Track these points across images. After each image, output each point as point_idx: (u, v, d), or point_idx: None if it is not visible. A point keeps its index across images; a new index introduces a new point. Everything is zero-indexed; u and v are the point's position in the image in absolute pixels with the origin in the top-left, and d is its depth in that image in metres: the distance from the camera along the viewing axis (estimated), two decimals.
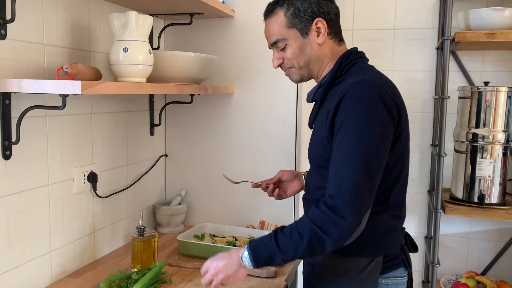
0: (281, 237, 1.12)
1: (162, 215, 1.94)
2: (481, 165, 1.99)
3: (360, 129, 1.09)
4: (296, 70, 1.30)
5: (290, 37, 1.25)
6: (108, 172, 1.67)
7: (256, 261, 1.14)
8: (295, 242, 1.10)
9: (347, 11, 2.41)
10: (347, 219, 1.06)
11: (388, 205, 1.21)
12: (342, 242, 1.09)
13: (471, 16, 1.93)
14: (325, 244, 1.08)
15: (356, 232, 1.10)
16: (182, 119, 2.04)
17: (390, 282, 1.26)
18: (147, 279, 1.34)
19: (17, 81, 1.12)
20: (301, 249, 1.09)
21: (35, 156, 1.34)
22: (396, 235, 1.26)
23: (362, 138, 1.09)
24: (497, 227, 2.30)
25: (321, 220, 1.08)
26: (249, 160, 1.95)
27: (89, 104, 1.56)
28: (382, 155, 1.12)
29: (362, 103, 1.11)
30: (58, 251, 1.45)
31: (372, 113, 1.10)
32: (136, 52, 1.32)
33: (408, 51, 2.34)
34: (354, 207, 1.07)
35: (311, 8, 1.23)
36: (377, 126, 1.10)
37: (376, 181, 1.11)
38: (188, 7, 1.73)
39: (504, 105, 1.97)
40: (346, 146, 1.10)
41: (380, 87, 1.14)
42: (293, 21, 1.24)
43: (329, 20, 1.25)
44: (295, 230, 1.11)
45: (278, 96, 1.87)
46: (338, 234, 1.07)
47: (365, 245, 1.19)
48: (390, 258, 1.25)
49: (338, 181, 1.09)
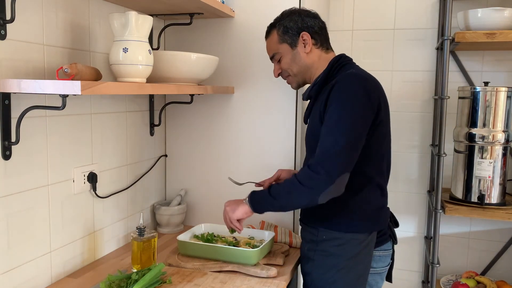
0: (274, 187, 1.40)
1: (162, 215, 1.94)
2: (481, 165, 1.99)
3: (344, 109, 1.32)
4: (292, 78, 1.57)
5: (283, 51, 1.54)
6: (108, 172, 1.67)
7: (252, 200, 1.43)
8: (282, 191, 1.37)
9: (347, 11, 2.41)
10: (319, 173, 1.29)
11: (375, 184, 1.44)
12: (315, 194, 1.30)
13: (471, 16, 1.93)
14: (302, 194, 1.32)
15: (329, 191, 1.29)
16: (182, 119, 2.04)
17: (381, 254, 1.53)
18: (147, 279, 1.34)
19: (17, 81, 1.12)
20: (285, 197, 1.36)
21: (35, 156, 1.34)
22: (384, 212, 1.51)
23: (345, 116, 1.32)
24: (497, 227, 2.30)
25: (301, 175, 1.33)
26: (249, 160, 1.95)
27: (89, 104, 1.56)
28: (360, 132, 1.33)
29: (348, 89, 1.35)
30: (58, 251, 1.45)
31: (355, 98, 1.33)
32: (136, 52, 1.31)
33: (408, 51, 2.34)
34: (325, 167, 1.29)
35: (297, 24, 1.51)
36: (358, 109, 1.33)
37: (353, 152, 1.32)
38: (188, 7, 1.73)
39: (504, 105, 1.97)
40: (331, 122, 1.33)
41: (364, 78, 1.38)
42: (284, 37, 1.52)
43: (313, 33, 1.51)
44: (283, 183, 1.39)
45: (278, 96, 1.87)
46: (311, 186, 1.30)
47: (363, 221, 1.43)
48: (382, 234, 1.50)
49: (320, 148, 1.33)
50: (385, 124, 1.43)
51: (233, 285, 1.41)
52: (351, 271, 1.43)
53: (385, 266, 1.56)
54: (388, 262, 1.57)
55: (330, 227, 1.44)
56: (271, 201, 1.39)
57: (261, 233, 1.72)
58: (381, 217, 1.49)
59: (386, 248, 1.54)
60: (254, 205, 1.43)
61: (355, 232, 1.42)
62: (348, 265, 1.42)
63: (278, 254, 1.62)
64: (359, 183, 1.41)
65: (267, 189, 1.41)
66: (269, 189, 1.40)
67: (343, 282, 1.43)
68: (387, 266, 1.57)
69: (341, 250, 1.42)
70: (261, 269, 1.48)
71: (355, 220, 1.43)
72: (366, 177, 1.42)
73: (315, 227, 1.47)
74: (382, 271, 1.56)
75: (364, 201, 1.43)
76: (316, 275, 1.46)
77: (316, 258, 1.46)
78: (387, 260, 1.56)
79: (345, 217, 1.43)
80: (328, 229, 1.44)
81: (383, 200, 1.50)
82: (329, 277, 1.43)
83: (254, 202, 1.43)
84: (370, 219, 1.45)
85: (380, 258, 1.53)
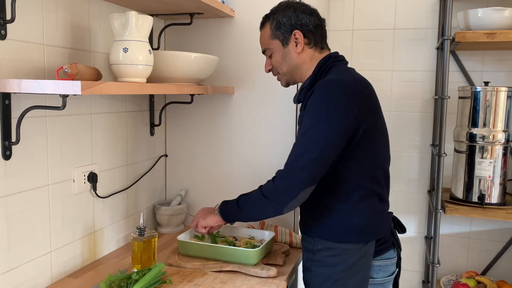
0: (242, 198, 1.39)
1: (162, 215, 1.94)
2: (481, 165, 1.99)
3: (316, 119, 1.27)
4: (281, 76, 1.50)
5: (274, 47, 1.46)
6: (108, 172, 1.67)
7: (222, 211, 1.44)
8: (248, 203, 1.36)
9: (347, 11, 2.41)
10: (281, 187, 1.28)
11: (370, 192, 1.36)
12: (279, 207, 1.29)
13: (471, 16, 1.93)
14: (266, 207, 1.32)
15: (292, 204, 1.28)
16: (182, 119, 2.04)
17: (382, 264, 1.42)
18: (147, 279, 1.34)
19: (17, 81, 1.12)
20: (251, 209, 1.36)
21: (35, 156, 1.34)
22: (384, 218, 1.42)
23: (315, 127, 1.27)
24: (497, 227, 2.30)
25: (265, 187, 1.33)
26: (249, 160, 1.95)
27: (89, 104, 1.56)
28: (330, 145, 1.27)
29: (322, 98, 1.28)
30: (58, 251, 1.45)
31: (328, 107, 1.27)
32: (136, 52, 1.31)
33: (408, 51, 2.34)
34: (288, 181, 1.27)
35: (290, 21, 1.41)
36: (330, 119, 1.27)
37: (318, 165, 1.26)
38: (188, 7, 1.73)
39: (504, 105, 1.97)
40: (301, 133, 1.30)
41: (344, 85, 1.30)
42: (276, 33, 1.44)
43: (307, 32, 1.42)
44: (250, 194, 1.37)
45: (278, 96, 1.87)
46: (275, 199, 1.29)
47: (357, 231, 1.35)
48: (382, 242, 1.40)
49: (288, 159, 1.30)
50: (373, 131, 1.34)
51: (233, 285, 1.41)
52: (347, 283, 1.36)
53: (388, 276, 1.44)
54: (392, 271, 1.45)
55: (324, 237, 1.38)
56: (239, 213, 1.39)
57: (261, 233, 1.72)
58: (379, 225, 1.40)
59: (389, 257, 1.43)
60: (225, 216, 1.44)
61: (349, 242, 1.35)
62: (344, 277, 1.35)
63: (278, 254, 1.62)
64: (350, 192, 1.34)
65: (235, 200, 1.40)
66: (238, 200, 1.39)
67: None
68: (391, 275, 1.45)
69: (336, 260, 1.36)
70: (261, 269, 1.48)
71: (348, 230, 1.35)
72: (356, 185, 1.34)
73: (311, 236, 1.41)
74: (385, 281, 1.44)
75: (356, 210, 1.34)
76: (313, 285, 1.41)
77: (314, 268, 1.40)
78: (390, 269, 1.44)
79: (337, 227, 1.36)
80: (322, 239, 1.38)
81: (382, 207, 1.40)
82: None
83: (224, 213, 1.44)
84: (365, 228, 1.36)
85: (381, 268, 1.42)
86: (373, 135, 1.35)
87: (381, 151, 1.41)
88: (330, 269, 1.37)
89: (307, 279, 1.44)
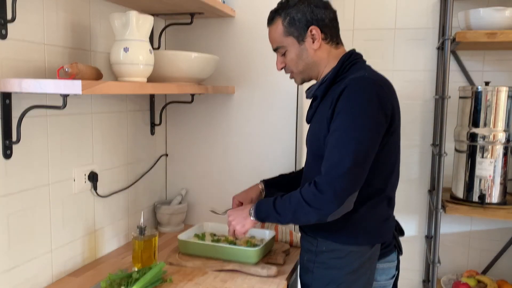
0: (279, 201, 1.30)
1: (162, 214, 1.95)
2: (481, 165, 1.99)
3: (354, 120, 1.21)
4: (296, 74, 1.42)
5: (288, 44, 1.36)
6: (108, 171, 1.68)
7: (257, 215, 1.35)
8: (287, 208, 1.27)
9: (347, 11, 2.41)
10: (325, 194, 1.19)
11: (384, 196, 1.34)
12: (323, 214, 1.22)
13: (472, 16, 1.93)
14: (309, 214, 1.23)
15: (339, 212, 1.21)
16: (183, 119, 2.04)
17: (385, 266, 1.40)
18: (147, 278, 1.34)
19: (17, 81, 1.12)
20: (291, 215, 1.27)
21: (35, 155, 1.34)
22: (390, 223, 1.40)
23: (355, 128, 1.20)
24: (497, 226, 2.30)
25: (307, 194, 1.23)
26: (249, 160, 1.95)
27: (90, 104, 1.56)
28: (371, 147, 1.22)
29: (359, 96, 1.22)
30: (58, 250, 1.45)
31: (367, 107, 1.21)
32: (136, 52, 1.32)
33: (409, 51, 2.34)
34: (333, 187, 1.19)
35: (305, 17, 1.33)
36: (370, 120, 1.21)
37: (362, 170, 1.22)
38: (189, 7, 1.73)
39: (505, 105, 1.97)
40: (339, 134, 1.22)
41: (378, 84, 1.25)
42: (290, 30, 1.34)
43: (323, 26, 1.34)
44: (288, 199, 1.28)
45: (278, 96, 1.87)
46: (319, 207, 1.21)
47: (366, 234, 1.32)
48: (386, 245, 1.38)
49: (327, 164, 1.22)
50: (397, 129, 1.31)
51: (233, 284, 1.41)
52: (352, 286, 1.32)
53: (389, 278, 1.42)
54: (393, 274, 1.43)
55: (329, 238, 1.33)
56: (277, 217, 1.30)
57: (261, 232, 1.72)
58: (386, 229, 1.37)
59: (391, 260, 1.41)
60: (261, 219, 1.36)
61: (356, 244, 1.31)
62: (348, 280, 1.31)
63: (278, 253, 1.63)
64: (367, 195, 1.30)
65: (272, 203, 1.31)
66: (274, 204, 1.30)
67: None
68: (392, 278, 1.44)
69: (341, 263, 1.32)
70: (261, 268, 1.48)
71: (357, 233, 1.31)
72: (374, 189, 1.31)
73: (314, 237, 1.36)
74: (386, 284, 1.42)
75: (369, 213, 1.31)
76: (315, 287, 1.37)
77: (316, 270, 1.35)
78: (391, 272, 1.42)
79: (346, 229, 1.31)
80: (327, 240, 1.33)
81: (389, 211, 1.38)
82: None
83: (260, 217, 1.35)
84: (374, 232, 1.33)
85: (384, 270, 1.40)
86: (396, 137, 1.33)
87: (398, 153, 1.38)
88: (334, 272, 1.33)
89: (308, 281, 1.38)
